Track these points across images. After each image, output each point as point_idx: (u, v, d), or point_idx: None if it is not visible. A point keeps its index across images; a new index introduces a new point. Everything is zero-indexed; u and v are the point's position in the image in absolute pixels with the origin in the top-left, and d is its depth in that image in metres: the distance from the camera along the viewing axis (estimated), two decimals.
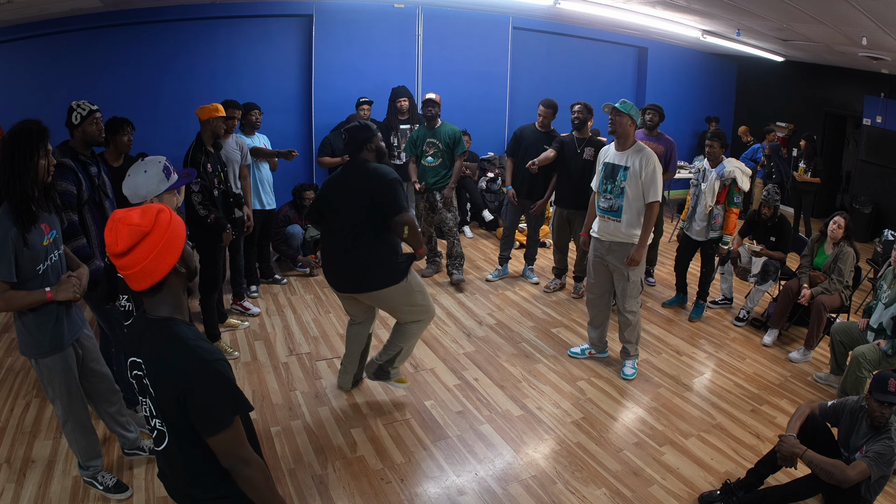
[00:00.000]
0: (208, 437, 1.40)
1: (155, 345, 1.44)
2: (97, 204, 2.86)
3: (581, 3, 5.76)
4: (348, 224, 3.05)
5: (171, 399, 1.39)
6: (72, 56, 5.48)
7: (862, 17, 4.31)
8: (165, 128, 5.83)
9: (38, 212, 2.19)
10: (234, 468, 1.45)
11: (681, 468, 2.98)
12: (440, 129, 5.01)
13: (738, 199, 4.45)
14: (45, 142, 2.19)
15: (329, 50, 6.46)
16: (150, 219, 1.38)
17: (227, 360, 1.47)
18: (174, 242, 1.42)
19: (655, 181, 3.52)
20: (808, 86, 8.45)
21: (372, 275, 3.07)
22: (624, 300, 3.74)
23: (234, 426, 1.42)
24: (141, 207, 1.42)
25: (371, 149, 3.11)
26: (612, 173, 3.62)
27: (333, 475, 2.83)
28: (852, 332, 3.78)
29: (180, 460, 1.50)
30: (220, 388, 1.40)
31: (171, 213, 1.44)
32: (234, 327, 4.28)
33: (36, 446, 2.92)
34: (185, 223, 1.55)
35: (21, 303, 2.20)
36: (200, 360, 1.39)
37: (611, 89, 8.12)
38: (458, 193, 6.32)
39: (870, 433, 2.49)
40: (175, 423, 1.43)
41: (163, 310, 1.45)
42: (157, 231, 1.38)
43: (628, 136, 3.58)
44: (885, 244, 5.75)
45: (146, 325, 1.46)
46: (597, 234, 3.77)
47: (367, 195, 3.01)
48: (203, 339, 1.47)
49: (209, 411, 1.39)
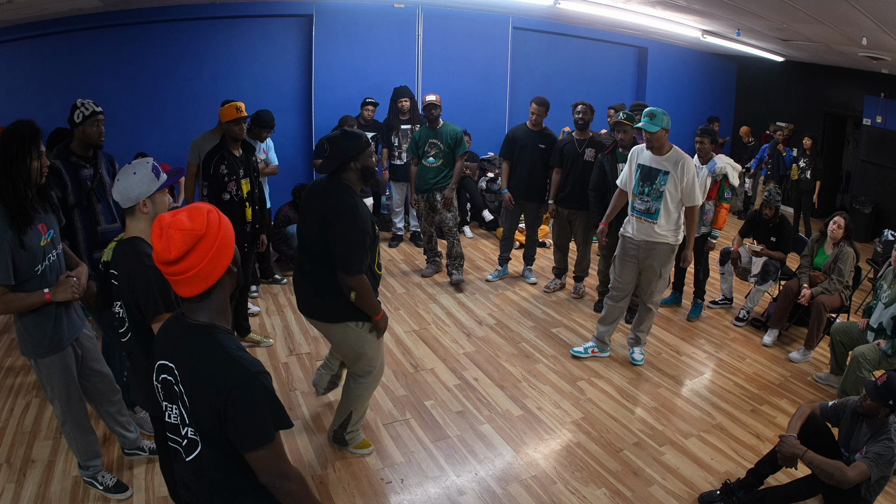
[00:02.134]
0: (247, 451, 1.34)
1: (194, 352, 1.37)
2: (86, 207, 2.83)
3: (581, 3, 5.76)
4: (309, 243, 2.65)
5: (209, 410, 1.32)
6: (72, 56, 5.47)
7: (862, 17, 4.31)
8: (165, 128, 5.84)
9: (33, 213, 2.18)
10: (273, 483, 1.39)
11: (681, 468, 2.98)
12: (442, 129, 5.01)
13: (728, 194, 4.48)
14: (37, 143, 2.17)
15: (329, 50, 6.46)
16: (202, 221, 1.33)
17: (268, 372, 1.40)
18: (227, 243, 1.37)
19: (696, 186, 3.67)
20: (808, 86, 8.46)
21: (322, 302, 2.67)
22: (652, 294, 3.89)
23: (276, 442, 1.36)
24: (187, 209, 1.37)
25: (354, 168, 2.55)
26: (650, 176, 3.66)
27: (333, 475, 2.83)
28: (852, 332, 3.78)
29: (212, 472, 1.42)
30: (263, 403, 1.33)
31: (218, 213, 1.39)
32: (255, 343, 4.02)
33: (36, 446, 2.92)
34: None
35: (20, 305, 2.20)
36: (244, 372, 1.32)
37: (611, 89, 8.12)
38: (459, 193, 6.33)
39: (870, 433, 2.49)
40: (211, 434, 1.36)
41: (204, 315, 1.39)
42: (210, 233, 1.33)
43: (665, 144, 3.64)
44: (885, 244, 5.75)
45: (185, 330, 1.40)
46: (630, 234, 3.82)
47: (322, 230, 2.51)
48: (244, 350, 1.39)
49: (251, 426, 1.32)
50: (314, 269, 2.64)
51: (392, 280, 5.31)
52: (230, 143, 3.62)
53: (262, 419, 1.33)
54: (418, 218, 5.46)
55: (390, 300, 4.90)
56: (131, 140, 5.49)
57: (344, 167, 2.54)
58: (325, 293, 2.62)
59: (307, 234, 2.67)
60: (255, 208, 3.76)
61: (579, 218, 4.84)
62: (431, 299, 4.95)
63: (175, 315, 1.48)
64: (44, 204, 2.30)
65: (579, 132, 4.79)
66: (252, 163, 3.76)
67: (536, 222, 5.26)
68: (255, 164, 3.80)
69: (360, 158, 2.54)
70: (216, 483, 1.43)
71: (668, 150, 3.63)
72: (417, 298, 4.96)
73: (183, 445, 1.42)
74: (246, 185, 3.66)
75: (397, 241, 6.30)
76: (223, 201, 3.56)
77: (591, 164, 4.65)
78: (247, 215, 3.70)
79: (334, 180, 2.57)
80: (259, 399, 1.32)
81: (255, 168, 3.80)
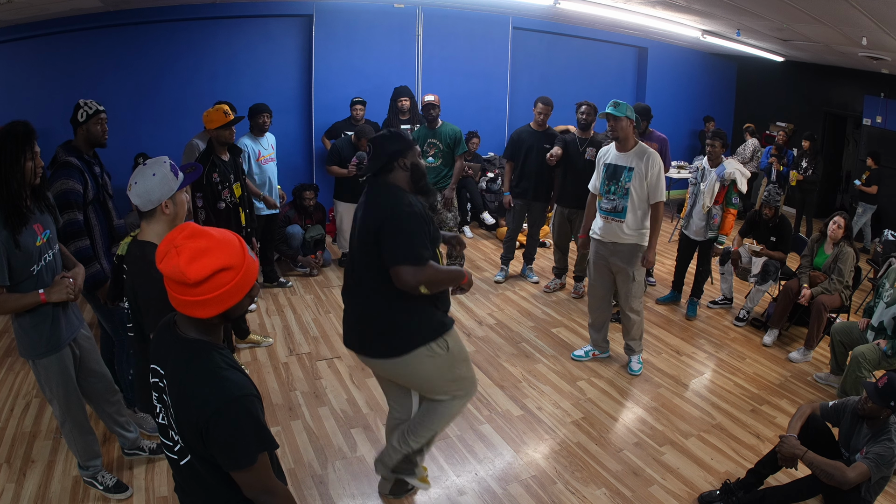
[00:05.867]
0: (230, 471, 1.33)
1: (181, 366, 1.35)
2: (101, 203, 2.86)
3: (581, 3, 5.76)
4: (359, 259, 2.26)
5: (192, 427, 1.31)
6: (72, 56, 5.47)
7: (862, 17, 4.31)
8: (165, 128, 5.83)
9: (27, 213, 2.18)
10: (258, 499, 1.39)
11: (681, 468, 2.98)
12: (441, 129, 5.01)
13: (735, 199, 4.46)
14: (31, 144, 2.16)
15: (329, 50, 6.46)
16: (236, 251, 1.30)
17: (256, 394, 1.38)
18: (251, 274, 1.34)
19: (661, 182, 3.56)
20: (808, 86, 8.45)
21: (386, 332, 2.24)
22: (629, 300, 3.75)
23: (259, 463, 1.34)
24: (218, 233, 1.31)
25: (404, 165, 2.23)
26: (615, 174, 3.61)
27: (333, 475, 2.83)
28: (852, 332, 3.78)
29: (202, 481, 1.41)
30: (244, 427, 1.30)
31: (242, 243, 1.35)
32: (256, 343, 4.07)
33: (36, 446, 2.92)
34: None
35: (15, 306, 2.19)
36: (227, 395, 1.29)
37: (611, 89, 8.12)
38: (459, 193, 6.32)
39: (870, 434, 2.49)
40: (194, 447, 1.35)
41: (195, 332, 1.36)
42: (237, 263, 1.31)
43: (629, 138, 3.57)
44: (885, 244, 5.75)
45: (174, 342, 1.37)
46: (599, 235, 3.75)
47: (373, 234, 2.15)
48: (233, 369, 1.36)
49: (232, 449, 1.30)
50: (368, 294, 2.24)
51: None
52: (218, 148, 3.52)
53: (244, 442, 1.31)
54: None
55: None
56: (131, 140, 5.50)
57: (390, 166, 2.23)
58: (386, 320, 2.21)
59: (356, 242, 2.28)
60: (247, 211, 3.71)
61: (580, 217, 4.84)
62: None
63: (168, 320, 1.45)
64: (39, 204, 2.29)
65: (581, 132, 4.79)
66: (239, 165, 3.71)
67: (540, 222, 5.27)
68: (241, 166, 3.76)
69: (408, 155, 2.24)
70: (206, 491, 1.43)
71: (633, 146, 3.59)
72: None
73: (175, 451, 1.41)
74: (238, 189, 3.61)
75: None
76: (219, 210, 3.49)
77: (591, 163, 4.65)
78: (241, 220, 3.64)
79: (381, 182, 2.25)
80: (242, 423, 1.30)
81: (243, 170, 3.75)
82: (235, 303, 1.32)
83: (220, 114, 3.45)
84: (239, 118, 3.64)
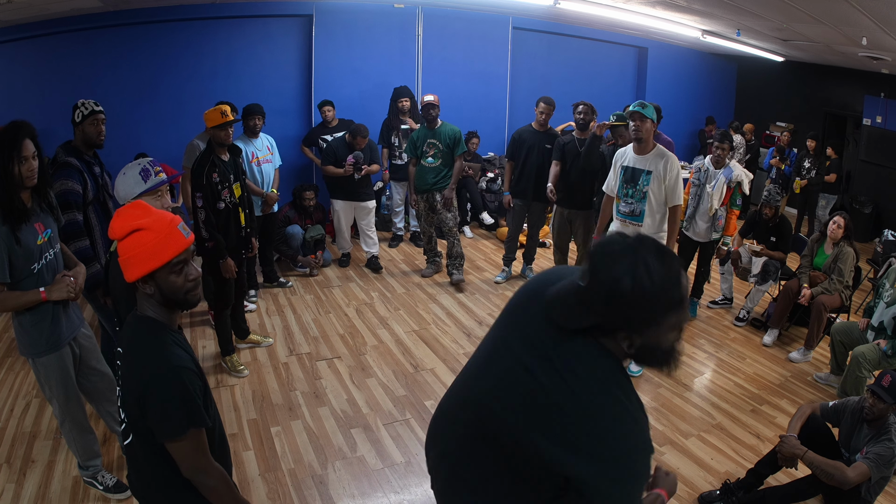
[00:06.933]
0: (162, 441, 1.40)
1: (131, 340, 1.47)
2: (101, 203, 2.86)
3: (581, 3, 5.75)
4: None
5: (134, 399, 1.39)
6: (72, 56, 5.47)
7: (862, 17, 4.31)
8: (165, 128, 5.83)
9: (27, 212, 2.18)
10: (194, 478, 1.45)
11: (681, 468, 2.97)
12: (440, 129, 5.01)
13: (739, 201, 4.48)
14: (18, 150, 2.13)
15: (329, 50, 6.46)
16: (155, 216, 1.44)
17: (197, 370, 1.46)
18: (168, 243, 1.43)
19: (679, 185, 3.58)
20: (808, 86, 8.45)
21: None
22: None
23: (190, 437, 1.40)
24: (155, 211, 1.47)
25: (634, 342, 1.25)
26: (633, 177, 3.62)
27: (333, 475, 2.83)
28: (852, 332, 3.78)
29: (143, 461, 1.48)
30: (175, 396, 1.37)
31: (173, 218, 1.46)
32: (256, 343, 4.04)
33: (36, 446, 2.92)
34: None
35: (15, 303, 2.20)
36: (165, 364, 1.39)
37: (611, 89, 8.11)
38: (459, 193, 6.31)
39: (871, 434, 2.49)
40: (135, 421, 1.42)
41: (150, 311, 1.46)
42: (154, 226, 1.42)
43: (650, 140, 3.58)
44: (885, 244, 5.75)
45: (131, 320, 1.50)
46: None
47: (560, 448, 1.21)
48: (182, 347, 1.46)
49: (163, 417, 1.37)
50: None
51: (392, 280, 5.31)
52: (217, 149, 3.51)
53: (173, 411, 1.37)
54: (418, 218, 5.46)
55: (390, 300, 4.90)
56: (131, 140, 5.49)
57: (611, 332, 1.22)
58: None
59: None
60: (247, 212, 3.70)
61: (579, 218, 4.84)
62: (431, 299, 4.95)
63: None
64: (41, 203, 2.30)
65: (580, 132, 4.79)
66: (239, 165, 3.69)
67: (540, 222, 5.27)
68: (241, 166, 3.74)
69: (652, 333, 1.21)
70: (148, 471, 1.48)
71: (652, 149, 3.59)
72: (417, 298, 4.96)
73: (122, 429, 1.50)
74: (237, 190, 3.59)
75: (397, 241, 6.30)
76: (219, 210, 3.47)
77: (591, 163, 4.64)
78: (241, 220, 3.63)
79: (587, 344, 1.23)
80: (173, 392, 1.37)
81: (243, 170, 3.74)
82: (156, 266, 1.39)
83: (218, 114, 3.44)
84: (236, 120, 3.61)
